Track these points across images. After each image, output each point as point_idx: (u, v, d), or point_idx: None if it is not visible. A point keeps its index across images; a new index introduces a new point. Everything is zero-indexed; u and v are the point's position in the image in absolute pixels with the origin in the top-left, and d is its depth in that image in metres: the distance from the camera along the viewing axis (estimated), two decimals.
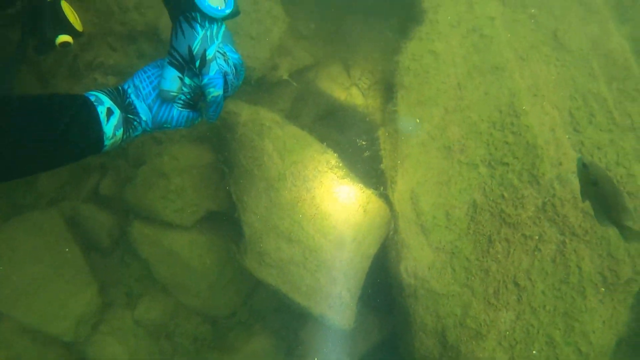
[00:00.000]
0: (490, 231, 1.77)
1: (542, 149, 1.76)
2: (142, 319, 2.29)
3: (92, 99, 1.20)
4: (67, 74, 2.26)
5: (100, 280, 2.25)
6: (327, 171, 1.76)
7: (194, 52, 1.25)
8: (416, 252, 1.76)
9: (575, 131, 1.79)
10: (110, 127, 1.21)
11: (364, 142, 2.03)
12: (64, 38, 1.67)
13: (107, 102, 1.22)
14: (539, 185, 1.76)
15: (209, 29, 1.28)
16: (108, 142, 1.22)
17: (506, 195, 1.77)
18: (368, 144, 2.11)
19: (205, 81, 1.26)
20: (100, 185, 2.23)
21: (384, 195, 1.84)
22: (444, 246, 1.76)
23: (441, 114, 1.75)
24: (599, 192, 1.34)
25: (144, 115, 1.29)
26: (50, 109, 1.14)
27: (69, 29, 1.72)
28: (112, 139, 1.22)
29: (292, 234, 1.84)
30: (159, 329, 2.29)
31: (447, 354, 1.72)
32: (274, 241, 1.88)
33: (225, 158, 2.02)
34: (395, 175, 1.78)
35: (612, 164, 1.77)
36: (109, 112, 1.21)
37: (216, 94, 1.27)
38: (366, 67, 2.27)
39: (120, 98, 1.27)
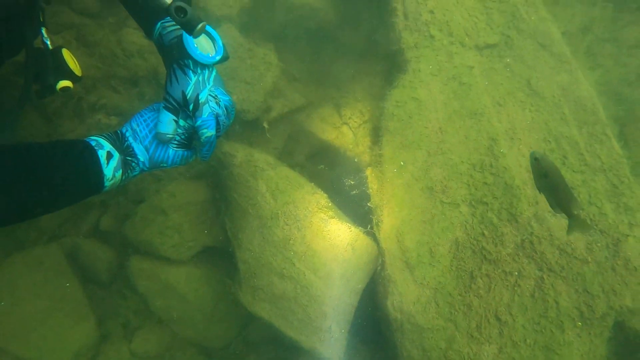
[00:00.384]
0: (472, 267, 1.86)
1: (519, 189, 1.87)
2: (138, 351, 2.34)
3: (93, 144, 1.29)
4: (72, 114, 2.38)
5: (98, 313, 2.31)
6: (317, 211, 1.86)
7: (188, 97, 1.34)
8: (402, 287, 1.85)
9: None
10: (110, 169, 1.29)
11: (352, 182, 2.13)
12: (64, 83, 1.75)
13: (107, 146, 1.31)
14: (517, 224, 1.87)
15: (201, 75, 1.37)
16: (108, 184, 1.30)
17: (486, 233, 1.87)
18: (356, 182, 2.22)
19: (199, 123, 1.35)
20: (101, 221, 2.32)
21: (371, 233, 1.94)
22: (428, 282, 1.84)
23: (424, 156, 1.86)
24: (550, 183, 1.45)
25: (141, 156, 1.38)
26: (54, 156, 1.23)
27: (69, 74, 1.79)
28: (111, 180, 1.31)
29: (284, 270, 1.92)
30: None
31: None
32: (267, 277, 1.96)
33: (221, 196, 2.12)
34: (382, 214, 1.88)
35: (584, 203, 1.88)
36: (109, 156, 1.30)
37: (209, 135, 1.36)
38: (356, 107, 2.39)
39: (119, 141, 1.35)
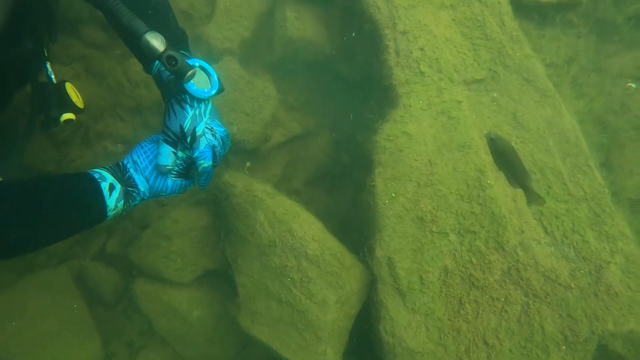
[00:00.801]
0: (460, 293, 1.95)
1: (505, 218, 1.96)
2: None
3: (96, 176, 1.37)
4: (80, 142, 2.49)
5: (103, 333, 2.41)
6: (312, 241, 1.95)
7: (185, 130, 1.41)
8: (393, 312, 1.94)
9: None
10: (113, 200, 1.37)
11: (347, 208, 2.23)
12: (67, 116, 1.82)
13: (109, 178, 1.38)
14: (504, 252, 1.96)
15: (198, 108, 1.44)
16: (110, 214, 1.38)
17: (474, 260, 1.95)
18: (351, 209, 2.31)
19: (196, 154, 1.41)
20: (107, 245, 2.42)
21: (365, 260, 2.03)
22: (419, 308, 1.93)
23: (414, 188, 1.96)
24: (506, 161, 1.56)
25: (142, 186, 1.44)
26: (61, 189, 1.31)
27: (72, 107, 1.86)
28: (114, 211, 1.38)
29: (281, 295, 2.02)
30: None
31: None
32: (265, 301, 2.05)
33: (221, 223, 2.22)
34: (374, 243, 1.97)
35: (568, 232, 1.97)
36: (111, 187, 1.37)
37: (206, 165, 1.42)
38: (352, 135, 2.50)
39: (121, 173, 1.43)
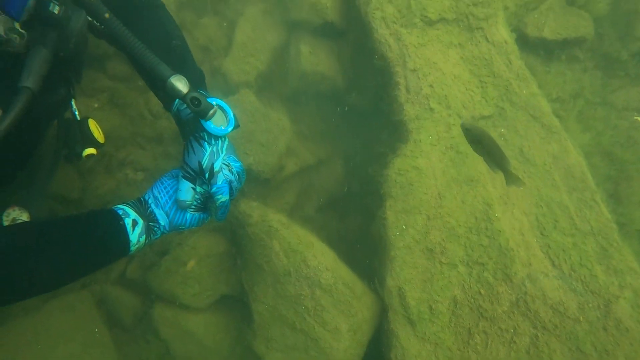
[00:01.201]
0: (469, 324, 2.00)
1: (513, 250, 2.02)
2: None
3: (120, 213, 1.44)
4: (103, 170, 2.61)
5: (122, 356, 2.49)
6: (325, 270, 2.03)
7: (204, 166, 1.47)
8: (404, 341, 1.99)
9: (542, 235, 2.05)
10: (135, 235, 1.44)
11: (357, 235, 2.30)
12: (89, 151, 1.93)
13: (132, 214, 1.46)
14: (512, 283, 2.01)
15: (215, 145, 1.51)
16: (133, 248, 1.45)
17: (483, 291, 2.01)
18: (362, 235, 2.38)
19: (214, 190, 1.47)
20: (127, 269, 2.52)
21: (376, 289, 2.10)
22: (429, 337, 1.98)
23: (424, 220, 2.03)
24: (484, 147, 1.60)
25: (162, 221, 1.51)
26: (87, 227, 1.40)
27: (93, 143, 1.97)
28: (136, 245, 1.45)
29: (295, 323, 2.09)
30: None
31: None
32: (280, 328, 2.12)
33: (238, 251, 2.31)
34: (385, 273, 2.04)
35: (576, 265, 2.02)
36: (134, 223, 1.45)
37: (224, 200, 1.49)
38: (362, 164, 2.58)
39: (143, 208, 1.49)
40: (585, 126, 2.40)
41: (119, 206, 1.49)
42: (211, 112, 1.43)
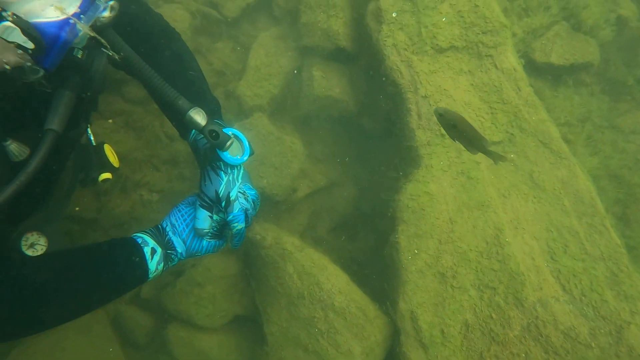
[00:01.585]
0: (481, 348, 2.02)
1: (524, 275, 2.04)
2: None
3: (139, 241, 1.48)
4: (119, 192, 2.66)
5: None
6: (338, 293, 2.06)
7: (220, 195, 1.51)
8: None
9: (552, 259, 2.07)
10: (154, 263, 1.48)
11: (369, 256, 2.33)
12: (105, 176, 1.99)
13: (151, 243, 1.50)
14: (523, 308, 2.03)
15: (231, 174, 1.54)
16: (152, 276, 1.49)
17: (494, 315, 2.03)
18: (373, 256, 2.42)
19: (230, 218, 1.51)
20: (142, 290, 2.56)
21: (388, 312, 2.12)
22: None
23: (435, 245, 2.06)
24: (459, 131, 1.58)
25: (179, 248, 1.55)
26: (109, 257, 1.45)
27: (109, 167, 2.02)
28: (155, 273, 1.50)
29: (309, 345, 2.12)
30: None
31: None
32: (293, 350, 2.15)
33: (251, 273, 2.34)
34: (397, 297, 2.07)
35: (586, 290, 2.04)
36: (153, 252, 1.49)
37: (240, 228, 1.52)
38: (372, 186, 2.62)
39: (160, 236, 1.53)
40: (593, 150, 2.44)
41: (138, 234, 1.53)
42: (228, 143, 1.47)
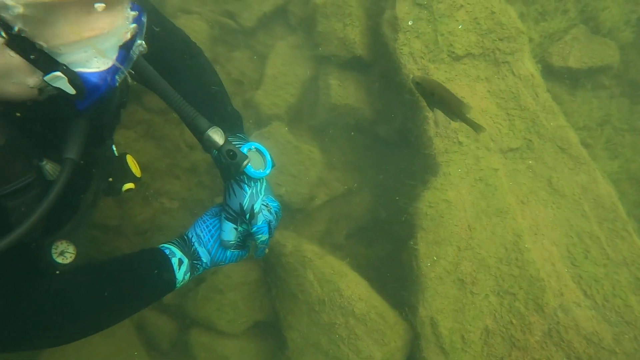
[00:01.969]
0: (502, 354, 2.02)
1: (544, 281, 2.04)
2: None
3: (167, 252, 1.54)
4: (141, 200, 2.73)
5: None
6: (358, 300, 2.09)
7: (245, 208, 1.56)
8: None
9: (573, 265, 2.07)
10: (181, 273, 1.55)
11: (386, 263, 2.35)
12: (128, 186, 1.98)
13: (178, 254, 1.56)
14: (543, 313, 2.03)
15: (254, 187, 1.60)
16: (178, 285, 1.56)
17: (515, 321, 2.04)
18: (390, 261, 2.43)
19: (254, 229, 1.57)
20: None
21: (407, 318, 2.14)
22: None
23: (454, 251, 2.08)
24: (438, 98, 1.54)
25: (204, 258, 1.61)
26: (139, 268, 1.50)
27: (131, 177, 2.03)
28: (181, 282, 1.56)
29: (329, 350, 2.15)
30: None
31: None
32: (314, 356, 2.19)
33: (272, 280, 2.39)
34: (417, 303, 2.08)
35: (609, 295, 2.03)
36: (180, 262, 1.55)
37: (264, 239, 1.59)
38: (388, 192, 2.64)
39: (187, 247, 1.59)
40: (613, 153, 2.42)
41: (165, 245, 1.59)
42: (245, 162, 1.50)
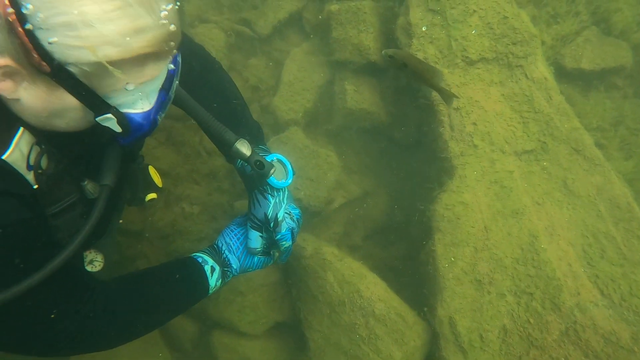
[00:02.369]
0: (520, 352, 2.06)
1: (560, 280, 2.08)
2: None
3: (200, 261, 1.63)
4: (162, 205, 2.81)
5: None
6: (377, 300, 2.14)
7: (269, 217, 1.66)
8: None
9: (589, 265, 2.10)
10: (214, 280, 1.64)
11: (404, 264, 2.40)
12: (151, 196, 2.06)
13: (210, 262, 1.65)
14: (560, 312, 2.07)
15: (277, 197, 1.69)
16: (211, 292, 1.64)
17: (532, 320, 2.07)
18: (407, 262, 2.48)
19: (279, 237, 1.67)
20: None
21: (426, 318, 2.19)
22: None
23: (471, 252, 2.12)
24: (411, 70, 1.54)
25: (234, 264, 1.71)
26: (174, 277, 1.57)
27: (154, 188, 2.12)
28: (214, 289, 1.65)
29: (350, 350, 2.20)
30: None
31: None
32: (335, 356, 2.24)
33: (292, 282, 2.45)
34: (435, 303, 2.13)
35: (626, 295, 2.06)
36: (212, 270, 1.64)
37: (287, 245, 1.70)
38: (404, 194, 2.69)
39: (217, 255, 1.69)
40: (627, 153, 2.44)
41: (198, 254, 1.68)
42: (271, 171, 1.58)
